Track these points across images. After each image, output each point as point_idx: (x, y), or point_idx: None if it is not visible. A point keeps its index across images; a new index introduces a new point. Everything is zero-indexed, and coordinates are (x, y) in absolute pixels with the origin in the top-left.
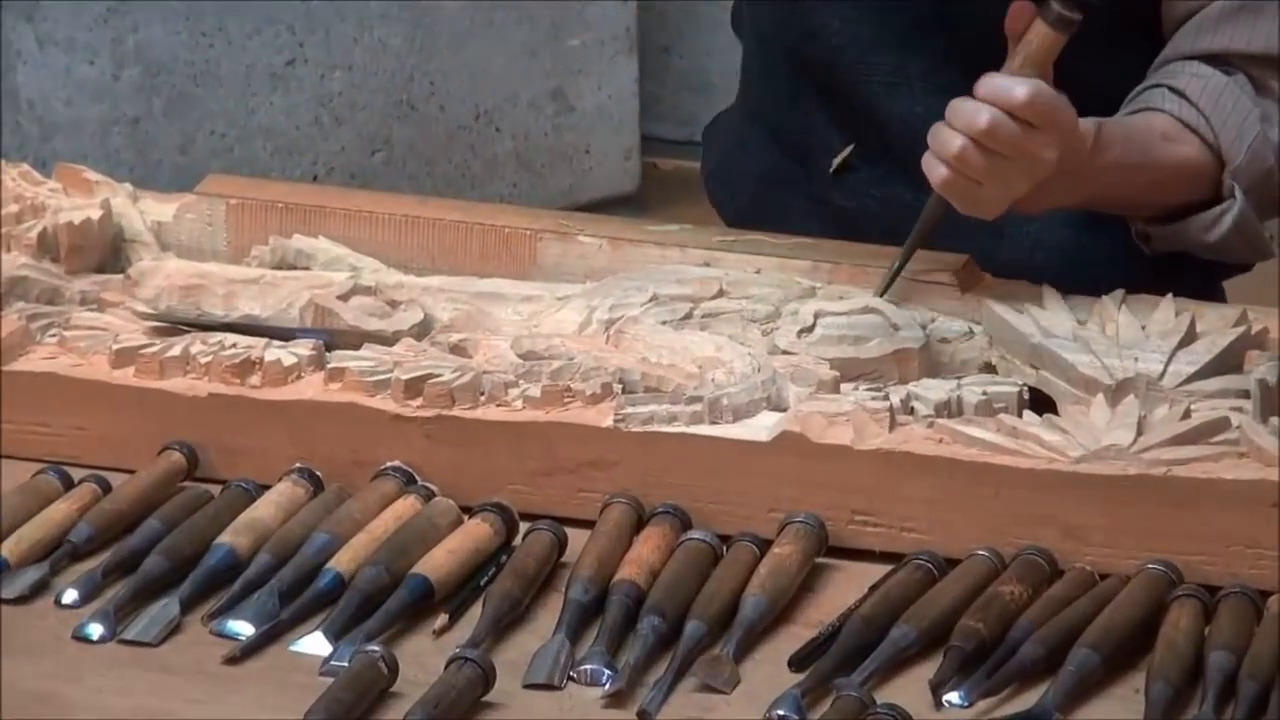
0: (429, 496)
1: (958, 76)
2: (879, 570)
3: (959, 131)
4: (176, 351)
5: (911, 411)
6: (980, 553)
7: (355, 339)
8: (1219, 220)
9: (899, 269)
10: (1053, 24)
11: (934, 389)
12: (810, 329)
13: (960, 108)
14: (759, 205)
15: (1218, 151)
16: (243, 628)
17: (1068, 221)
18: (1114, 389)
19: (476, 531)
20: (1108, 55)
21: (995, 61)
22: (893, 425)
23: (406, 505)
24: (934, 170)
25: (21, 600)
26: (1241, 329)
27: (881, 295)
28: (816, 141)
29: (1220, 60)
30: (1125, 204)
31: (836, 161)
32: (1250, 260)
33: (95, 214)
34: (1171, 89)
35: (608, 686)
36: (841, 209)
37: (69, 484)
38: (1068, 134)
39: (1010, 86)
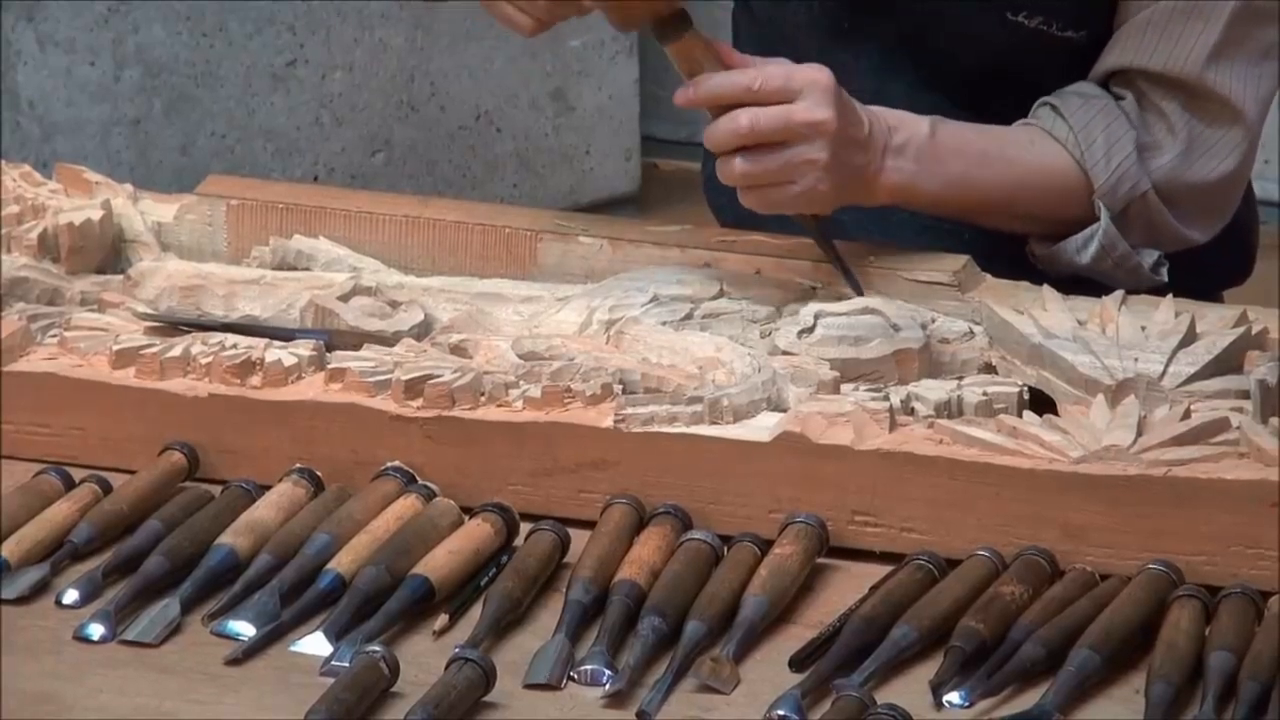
0: (430, 497)
1: (937, 101)
2: (879, 570)
3: (728, 153)
4: (177, 352)
5: (912, 412)
6: (980, 553)
7: (355, 339)
8: (1088, 242)
9: (841, 264)
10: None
11: (934, 389)
12: (810, 329)
13: (715, 129)
14: (757, 213)
15: (1084, 169)
16: (243, 628)
17: None
18: (1114, 389)
19: (477, 532)
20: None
21: (966, 81)
22: (893, 426)
23: (407, 505)
24: (744, 198)
25: (22, 600)
26: (1241, 329)
27: (861, 291)
28: None
29: (1123, 77)
30: (989, 202)
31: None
32: (1127, 288)
33: (96, 215)
34: (1054, 107)
35: (608, 687)
36: (838, 219)
37: (70, 484)
38: (825, 89)
39: (728, 81)
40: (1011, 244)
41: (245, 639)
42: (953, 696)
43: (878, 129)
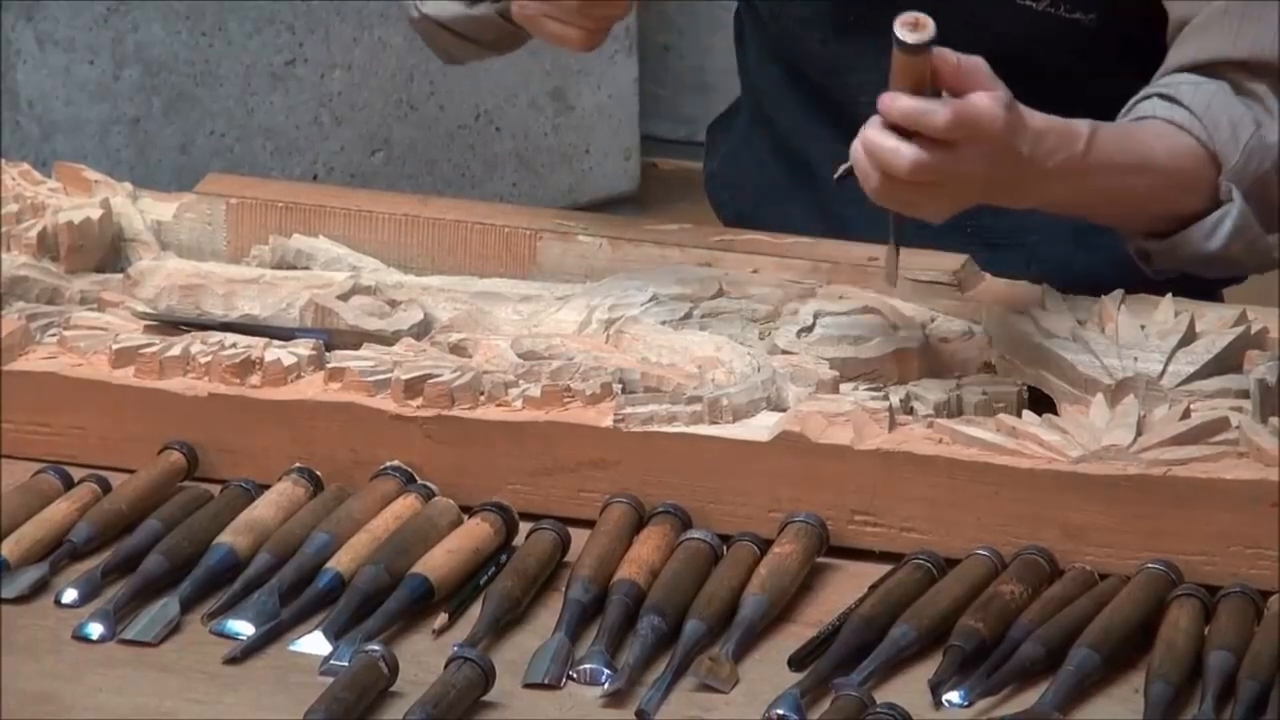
0: (429, 496)
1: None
2: (879, 570)
3: (877, 170)
4: (176, 351)
5: (911, 411)
6: (980, 552)
7: (355, 339)
8: (1219, 225)
9: (896, 254)
10: (902, 50)
11: (933, 389)
12: (810, 329)
13: (879, 146)
14: (760, 209)
15: (1213, 153)
16: (243, 627)
17: (1064, 235)
18: (1113, 389)
19: (476, 531)
20: (1105, 71)
21: (1021, 96)
22: (892, 425)
23: (406, 505)
24: (868, 184)
25: (21, 600)
26: (1241, 329)
27: (895, 284)
28: (818, 151)
29: (1210, 69)
30: (1124, 209)
31: (841, 170)
32: (1253, 271)
33: (95, 213)
34: (1163, 96)
35: (607, 686)
36: (841, 215)
37: (69, 484)
38: (995, 141)
39: (929, 112)
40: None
41: (244, 638)
42: (952, 696)
43: (1032, 151)
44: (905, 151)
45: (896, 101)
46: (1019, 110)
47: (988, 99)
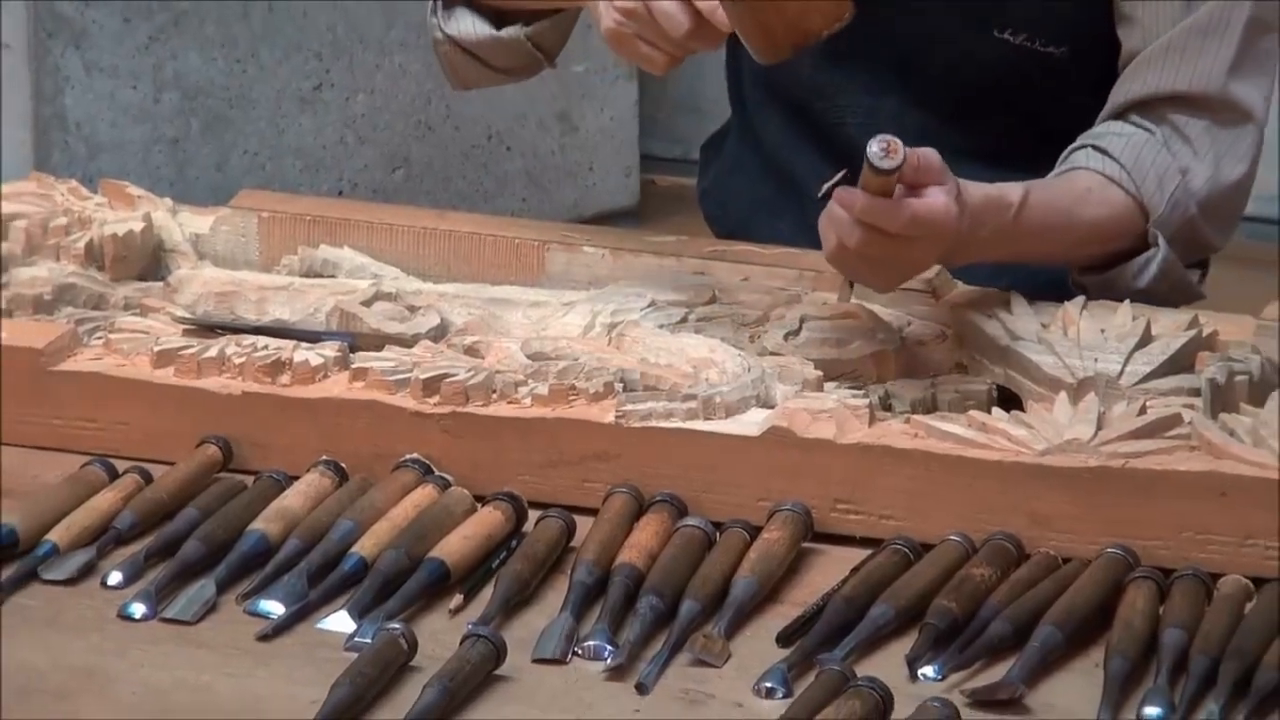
0: (445, 486)
1: (925, 116)
2: (859, 554)
3: (835, 235)
4: (213, 353)
5: (889, 408)
6: (952, 538)
7: (377, 341)
8: (1146, 267)
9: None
10: (873, 172)
11: (910, 388)
12: (796, 332)
13: (837, 218)
14: (749, 223)
15: (1140, 203)
16: (273, 607)
17: None
18: (1076, 387)
19: (489, 519)
20: (1074, 98)
21: (955, 98)
22: (872, 421)
23: (424, 494)
24: (825, 247)
25: (70, 582)
26: (1193, 332)
27: (848, 300)
28: (804, 169)
29: (1152, 104)
30: (1053, 258)
31: (826, 188)
32: (1179, 304)
33: (137, 226)
34: (1096, 148)
35: (609, 661)
36: None
37: (114, 475)
38: (943, 238)
39: (887, 213)
40: (1053, 271)
41: (275, 617)
42: (927, 670)
43: (970, 225)
44: (858, 232)
45: (857, 201)
46: (963, 194)
47: (942, 198)
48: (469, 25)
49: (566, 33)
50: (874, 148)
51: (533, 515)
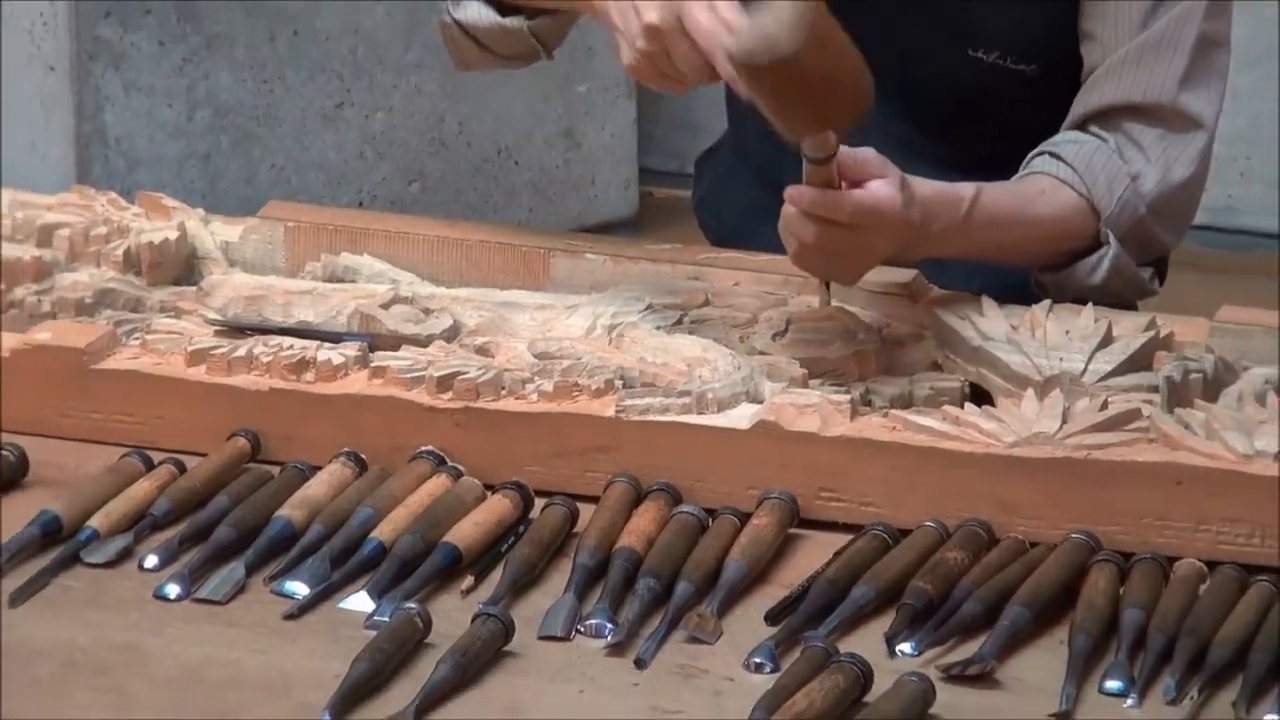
0: (457, 476)
1: (908, 129)
2: (841, 539)
3: (793, 235)
4: (242, 352)
5: (869, 404)
6: (928, 524)
7: (394, 342)
8: (1099, 265)
9: (827, 287)
10: (811, 162)
11: (889, 384)
12: (783, 333)
13: (789, 215)
14: (742, 231)
15: (1092, 204)
16: (298, 588)
17: None
18: (1042, 384)
19: (498, 506)
20: (1043, 111)
21: (932, 111)
22: (853, 415)
23: (438, 484)
24: (788, 250)
25: (110, 565)
26: (1151, 333)
27: (823, 306)
28: (792, 181)
29: (1110, 114)
30: (1008, 254)
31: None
32: (1134, 299)
33: (172, 235)
34: (1052, 154)
35: (610, 638)
36: None
37: (150, 465)
38: (895, 225)
39: (832, 203)
40: (1016, 272)
41: (300, 597)
42: (904, 647)
43: (922, 218)
44: (811, 227)
45: (804, 195)
46: (909, 186)
47: (885, 186)
48: (475, 12)
49: (565, 30)
50: (807, 145)
51: (539, 503)
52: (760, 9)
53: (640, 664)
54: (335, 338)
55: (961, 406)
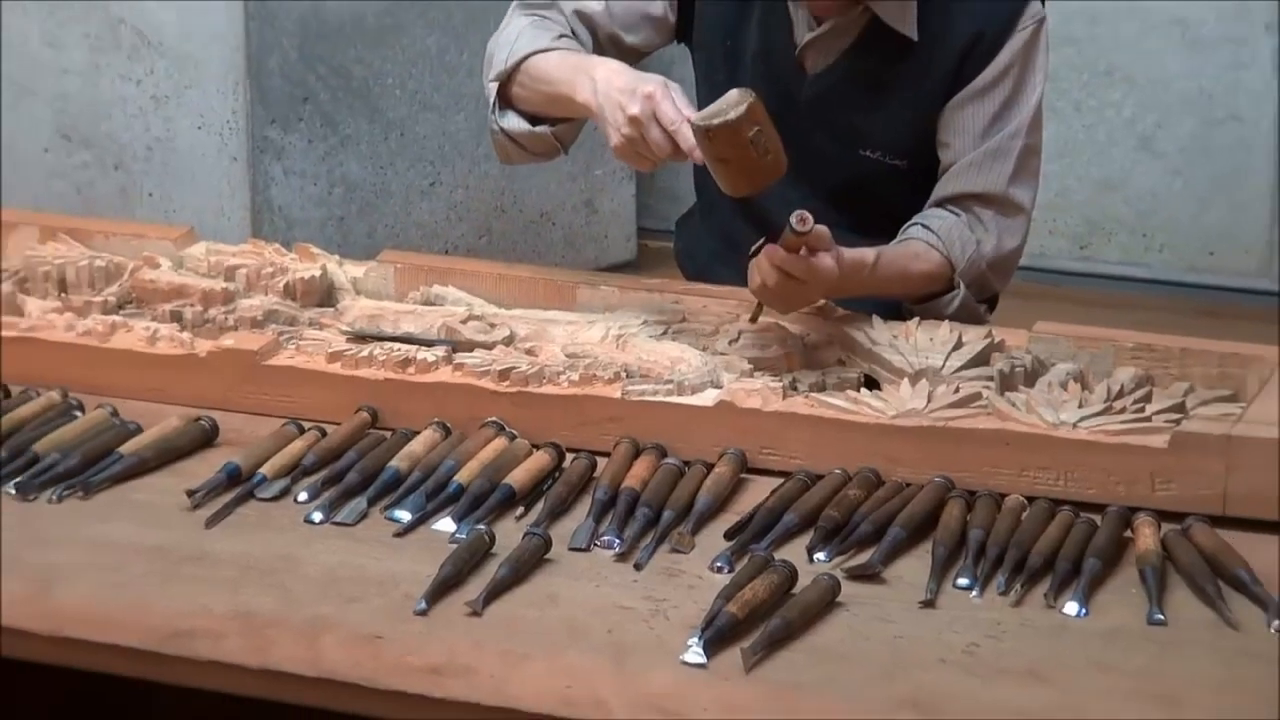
0: (513, 438)
1: (819, 204)
2: (775, 482)
3: (761, 277)
4: (365, 353)
5: (795, 389)
6: (836, 471)
7: (470, 347)
8: (952, 301)
9: (760, 307)
10: (793, 234)
11: (808, 375)
12: (736, 340)
13: (761, 265)
14: (708, 272)
15: (949, 260)
16: (403, 515)
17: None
18: (913, 376)
19: (541, 459)
20: (911, 196)
21: (830, 189)
22: (785, 397)
23: (500, 444)
24: (751, 285)
25: (274, 499)
26: (989, 340)
27: (753, 321)
28: (743, 237)
29: (959, 199)
30: (896, 294)
31: (753, 249)
32: (976, 323)
33: (317, 273)
34: (923, 225)
35: (617, 549)
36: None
37: (302, 431)
38: (827, 284)
39: (794, 264)
40: (895, 300)
41: (405, 522)
42: (820, 555)
43: (843, 276)
44: (773, 275)
45: (776, 253)
46: (841, 256)
47: (829, 260)
48: (514, 122)
49: (577, 133)
50: (794, 219)
51: (569, 457)
52: (717, 100)
53: (638, 567)
54: (429, 343)
55: (859, 390)
